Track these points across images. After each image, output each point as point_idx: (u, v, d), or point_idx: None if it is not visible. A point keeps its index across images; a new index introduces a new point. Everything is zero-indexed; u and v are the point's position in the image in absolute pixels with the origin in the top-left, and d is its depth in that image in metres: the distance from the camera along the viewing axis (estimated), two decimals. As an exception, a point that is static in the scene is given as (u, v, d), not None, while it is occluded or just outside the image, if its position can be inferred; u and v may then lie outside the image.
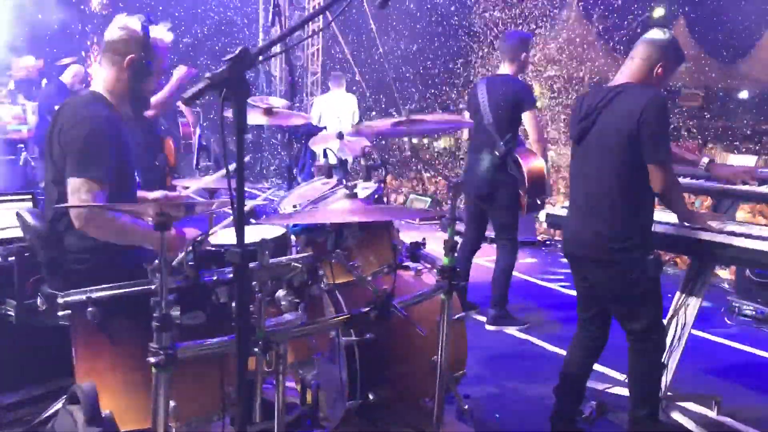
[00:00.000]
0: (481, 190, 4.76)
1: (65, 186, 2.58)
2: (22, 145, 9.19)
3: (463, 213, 5.17)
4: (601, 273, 3.00)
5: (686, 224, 3.02)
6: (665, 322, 3.45)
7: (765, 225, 3.35)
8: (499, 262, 4.92)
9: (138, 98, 2.83)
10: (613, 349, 3.22)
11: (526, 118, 4.67)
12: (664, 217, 3.20)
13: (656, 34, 2.92)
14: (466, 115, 5.09)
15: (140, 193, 2.98)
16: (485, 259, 6.18)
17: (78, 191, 2.53)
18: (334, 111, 9.11)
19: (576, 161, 3.10)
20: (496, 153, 4.62)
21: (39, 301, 2.63)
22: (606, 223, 2.89)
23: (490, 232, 5.16)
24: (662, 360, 3.01)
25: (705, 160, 3.26)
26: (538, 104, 6.77)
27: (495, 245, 5.02)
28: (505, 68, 4.82)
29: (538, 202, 4.73)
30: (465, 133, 5.21)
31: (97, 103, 2.71)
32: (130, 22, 2.75)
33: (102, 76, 2.78)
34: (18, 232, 3.01)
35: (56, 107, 2.82)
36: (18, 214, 2.79)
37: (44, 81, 9.36)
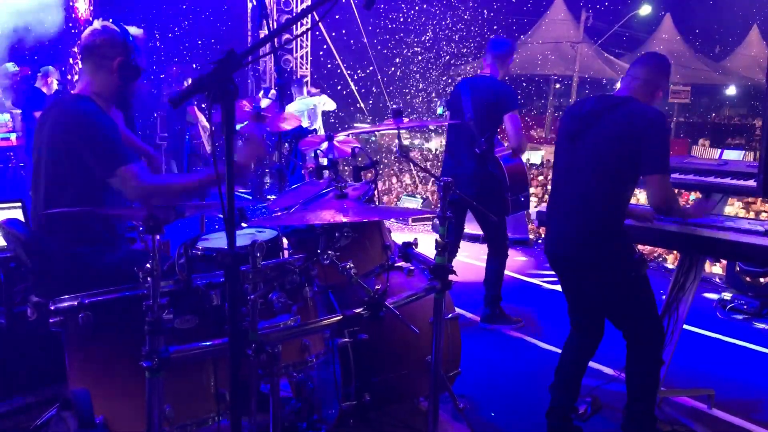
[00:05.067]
0: (465, 190, 4.66)
1: (67, 186, 2.60)
2: (11, 154, 9.13)
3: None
4: (588, 276, 3.03)
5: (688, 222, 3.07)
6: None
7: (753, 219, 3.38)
8: (490, 262, 4.92)
9: (126, 98, 2.87)
10: (607, 345, 3.23)
11: (508, 119, 4.64)
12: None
13: (655, 57, 3.08)
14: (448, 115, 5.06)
15: None
16: (474, 259, 6.20)
17: (126, 180, 2.58)
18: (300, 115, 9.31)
19: (563, 160, 3.11)
20: (476, 150, 4.60)
21: (29, 310, 2.62)
22: (589, 226, 2.92)
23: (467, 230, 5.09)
24: (660, 356, 3.01)
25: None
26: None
27: (486, 245, 5.00)
28: (490, 70, 4.80)
29: (522, 200, 4.74)
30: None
31: (90, 102, 2.72)
32: (109, 26, 2.78)
33: (87, 81, 2.78)
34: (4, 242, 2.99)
35: (36, 113, 2.83)
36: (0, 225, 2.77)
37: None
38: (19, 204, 3.75)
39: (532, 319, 5.12)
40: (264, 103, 3.95)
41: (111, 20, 2.85)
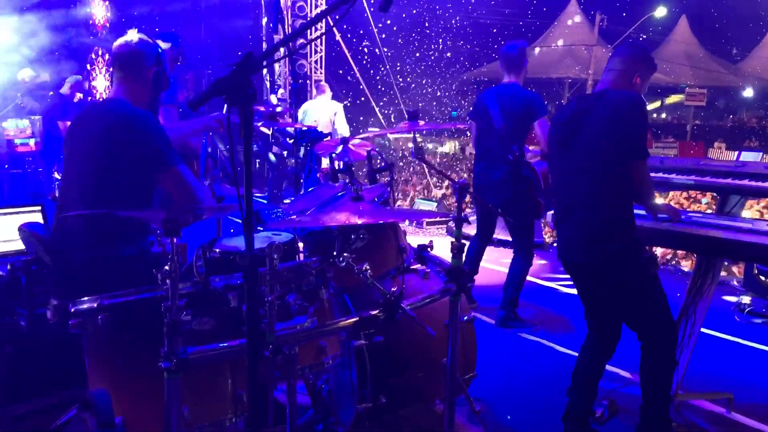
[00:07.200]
0: (500, 197, 4.79)
1: (109, 184, 2.65)
2: (30, 159, 9.22)
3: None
4: (599, 278, 3.02)
5: (663, 215, 3.15)
6: (676, 320, 3.44)
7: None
8: (514, 265, 4.95)
9: (157, 106, 2.94)
10: (624, 348, 3.21)
11: (538, 126, 4.75)
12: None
13: (629, 48, 3.11)
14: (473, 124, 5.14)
15: None
16: (493, 263, 6.18)
17: (180, 181, 2.70)
18: (313, 116, 9.17)
19: (558, 168, 3.12)
20: (509, 157, 4.67)
21: (49, 313, 2.66)
22: (595, 227, 2.92)
23: (497, 235, 5.19)
24: (673, 357, 3.00)
25: None
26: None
27: (502, 248, 5.05)
28: (511, 78, 4.90)
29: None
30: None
31: (135, 105, 2.80)
32: (144, 39, 2.88)
33: (123, 89, 2.85)
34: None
35: (59, 121, 2.88)
36: (20, 229, 2.80)
37: (50, 94, 9.42)
38: (39, 208, 3.80)
39: (549, 323, 5.10)
40: (273, 99, 3.99)
41: (136, 29, 2.94)
